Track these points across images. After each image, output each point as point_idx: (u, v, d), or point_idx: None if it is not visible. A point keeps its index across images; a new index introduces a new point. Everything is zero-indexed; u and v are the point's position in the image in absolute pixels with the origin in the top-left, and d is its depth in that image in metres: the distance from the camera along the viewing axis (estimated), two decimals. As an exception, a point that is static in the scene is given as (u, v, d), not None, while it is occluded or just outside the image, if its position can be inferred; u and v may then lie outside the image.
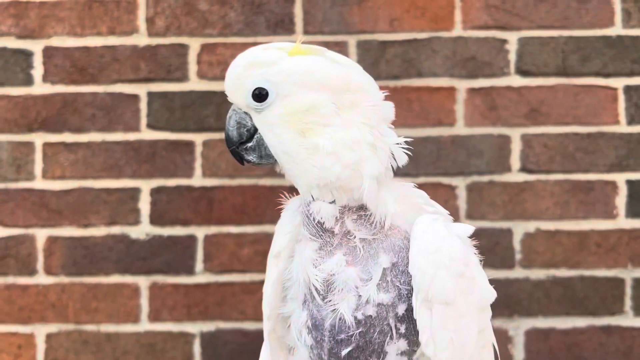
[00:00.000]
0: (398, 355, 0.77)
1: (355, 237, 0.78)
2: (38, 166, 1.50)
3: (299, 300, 0.81)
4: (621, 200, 1.48)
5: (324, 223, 0.79)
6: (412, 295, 0.76)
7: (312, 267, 0.77)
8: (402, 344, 0.77)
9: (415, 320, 0.76)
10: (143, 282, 1.48)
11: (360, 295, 0.75)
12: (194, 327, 1.47)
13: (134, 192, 1.49)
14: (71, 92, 1.51)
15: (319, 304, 0.77)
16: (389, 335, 0.76)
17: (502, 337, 1.46)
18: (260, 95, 0.77)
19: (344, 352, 0.76)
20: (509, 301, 1.46)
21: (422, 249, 0.75)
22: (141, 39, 1.51)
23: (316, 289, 0.77)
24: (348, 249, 0.78)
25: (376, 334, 0.76)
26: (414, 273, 0.74)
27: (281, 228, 0.86)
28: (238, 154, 0.82)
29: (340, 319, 0.75)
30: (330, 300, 0.76)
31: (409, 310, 0.76)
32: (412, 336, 0.78)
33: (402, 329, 0.76)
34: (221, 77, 1.49)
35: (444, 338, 0.74)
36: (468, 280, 0.78)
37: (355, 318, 0.75)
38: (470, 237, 0.81)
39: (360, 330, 0.75)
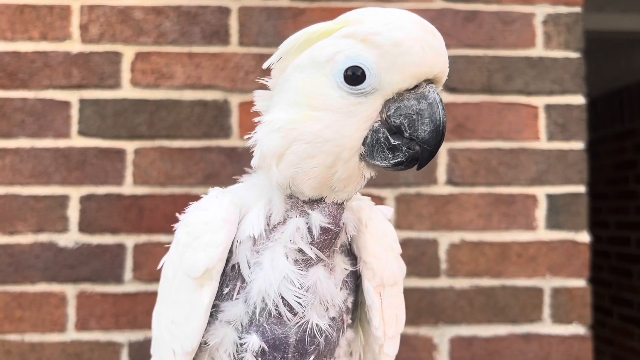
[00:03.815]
0: (346, 346, 0.79)
1: (337, 245, 0.74)
2: (-37, 171, 1.46)
3: (239, 322, 0.71)
4: (541, 213, 1.55)
5: (335, 236, 0.71)
6: (355, 286, 0.77)
7: (289, 283, 0.69)
8: (350, 334, 0.79)
9: (352, 307, 0.77)
10: (70, 290, 1.46)
11: (327, 301, 0.72)
12: (122, 337, 1.46)
13: (63, 200, 1.47)
14: (0, 97, 1.48)
15: (286, 322, 0.70)
16: (341, 330, 0.76)
17: (427, 345, 1.50)
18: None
19: None
20: (434, 309, 1.51)
21: (374, 235, 0.76)
22: (74, 46, 1.50)
23: (288, 306, 0.69)
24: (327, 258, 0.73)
25: (335, 332, 0.74)
26: (369, 260, 0.75)
27: (207, 237, 0.71)
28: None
29: (309, 330, 0.71)
30: (299, 315, 0.70)
31: (355, 300, 0.78)
32: (353, 323, 0.80)
33: (349, 320, 0.78)
34: (155, 86, 1.50)
35: (391, 316, 0.77)
36: (400, 258, 0.82)
37: (325, 325, 0.72)
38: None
39: (325, 335, 0.72)
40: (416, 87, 0.66)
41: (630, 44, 3.21)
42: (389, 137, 0.67)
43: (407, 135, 0.66)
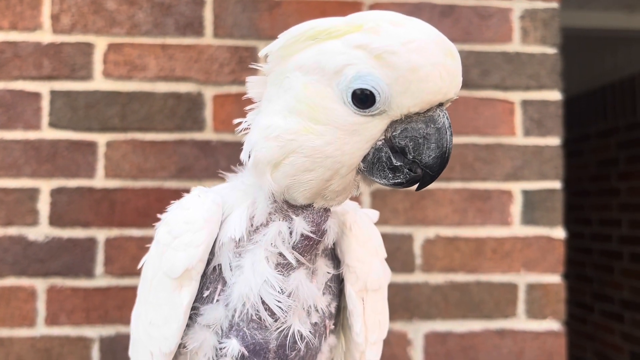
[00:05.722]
0: (328, 352, 0.77)
1: (319, 249, 0.73)
2: None
3: (219, 326, 0.70)
4: (516, 209, 1.55)
5: (317, 242, 0.70)
6: (338, 291, 0.76)
7: (269, 287, 0.68)
8: (332, 340, 0.78)
9: (335, 313, 0.76)
10: (40, 284, 1.44)
11: (309, 306, 0.71)
12: (93, 332, 1.44)
13: (33, 192, 1.45)
14: (-31, 88, 1.45)
15: (267, 327, 0.69)
16: (323, 335, 0.75)
17: (402, 340, 1.50)
18: None
19: None
20: (408, 304, 1.50)
21: (358, 239, 0.75)
22: (45, 36, 1.48)
23: (269, 310, 0.68)
24: (309, 262, 0.71)
25: (316, 338, 0.73)
26: (353, 264, 0.74)
27: (187, 236, 0.68)
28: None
29: (290, 336, 0.70)
30: (280, 320, 0.69)
31: (338, 305, 0.77)
32: (335, 328, 0.79)
33: (332, 325, 0.76)
34: (127, 77, 1.48)
35: (374, 322, 0.76)
36: (385, 263, 0.81)
37: (306, 331, 0.71)
38: None
39: (306, 341, 0.71)
40: None
41: (613, 41, 3.23)
42: (392, 157, 0.65)
43: (411, 157, 0.64)
